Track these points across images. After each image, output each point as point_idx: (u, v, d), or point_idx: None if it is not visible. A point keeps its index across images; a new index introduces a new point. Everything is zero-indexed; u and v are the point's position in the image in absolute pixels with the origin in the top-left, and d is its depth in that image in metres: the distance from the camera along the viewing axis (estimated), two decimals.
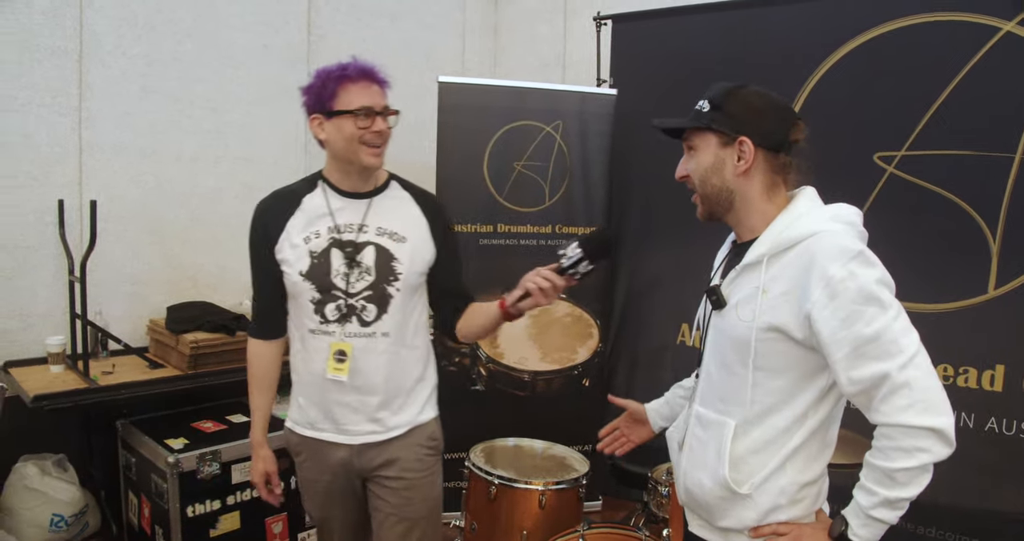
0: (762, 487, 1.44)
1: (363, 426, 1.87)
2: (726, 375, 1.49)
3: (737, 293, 1.48)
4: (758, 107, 1.47)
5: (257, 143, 3.55)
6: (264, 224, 1.87)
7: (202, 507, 2.62)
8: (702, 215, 1.57)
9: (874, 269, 1.33)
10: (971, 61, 2.73)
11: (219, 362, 2.91)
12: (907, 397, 1.27)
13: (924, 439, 1.27)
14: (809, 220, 1.41)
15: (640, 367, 3.68)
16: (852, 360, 1.31)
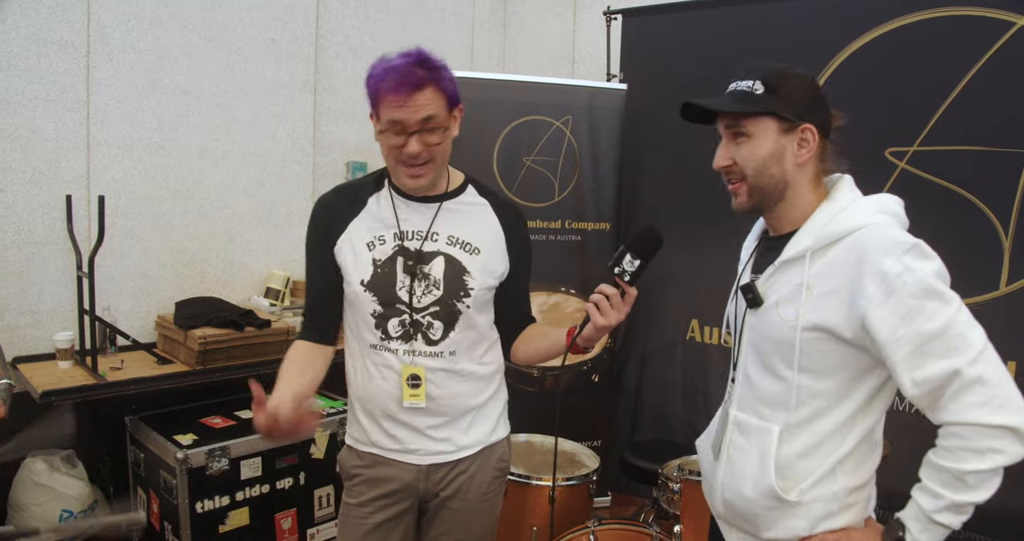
0: (812, 493, 1.36)
1: (432, 446, 1.70)
2: (768, 378, 1.40)
3: (776, 290, 1.39)
4: (817, 92, 1.38)
5: (265, 138, 3.54)
6: (324, 222, 1.71)
7: (211, 503, 2.61)
8: (745, 206, 1.44)
9: (931, 262, 1.25)
10: (985, 56, 2.71)
11: (228, 358, 2.91)
12: (980, 394, 1.19)
13: (999, 439, 1.18)
14: (854, 212, 1.33)
15: (650, 363, 3.67)
16: (916, 359, 1.22)
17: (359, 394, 1.74)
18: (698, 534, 2.12)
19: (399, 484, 1.72)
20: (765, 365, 1.41)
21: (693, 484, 2.28)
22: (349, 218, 1.69)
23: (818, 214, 1.37)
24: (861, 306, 1.26)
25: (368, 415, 1.73)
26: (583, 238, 3.50)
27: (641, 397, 3.70)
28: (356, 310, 1.69)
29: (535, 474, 2.48)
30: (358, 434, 1.77)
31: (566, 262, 3.47)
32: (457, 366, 1.69)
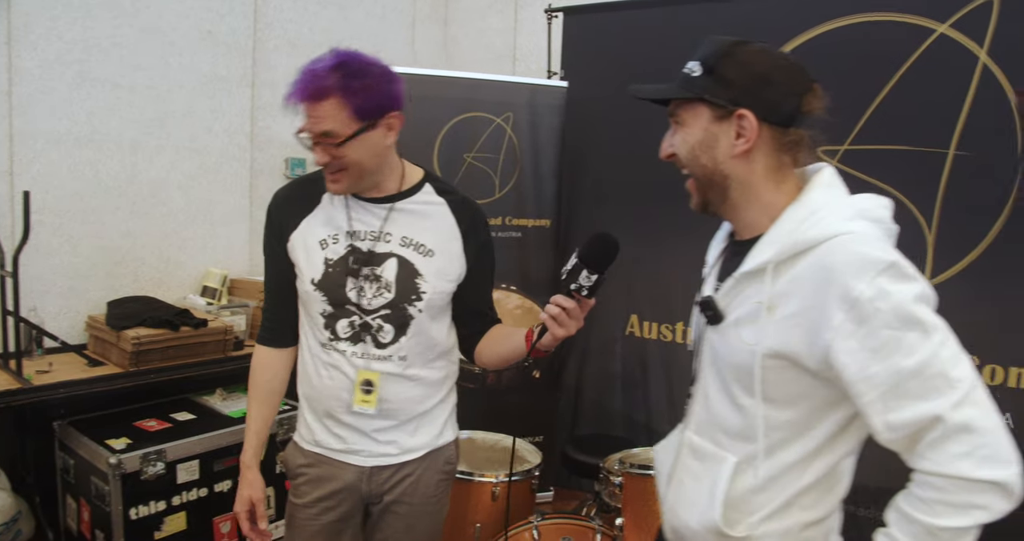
0: (762, 528, 1.21)
1: (376, 447, 1.69)
2: (727, 403, 1.25)
3: (738, 307, 1.22)
4: (762, 71, 1.18)
5: (201, 132, 3.45)
6: (278, 218, 1.68)
7: (146, 509, 2.54)
8: (696, 205, 1.29)
9: (911, 283, 1.06)
10: (908, 60, 2.81)
11: (163, 358, 2.83)
12: (965, 443, 1.01)
13: (983, 494, 1.01)
14: (826, 218, 1.13)
15: (590, 359, 3.71)
16: (890, 400, 1.05)
17: (306, 391, 1.73)
18: (640, 526, 2.16)
19: (342, 484, 1.70)
20: (724, 389, 1.26)
21: (634, 477, 2.32)
22: (303, 214, 1.66)
23: (785, 217, 1.18)
24: (826, 338, 1.08)
25: (314, 413, 1.72)
26: (523, 235, 3.51)
27: (582, 393, 3.74)
28: (307, 309, 1.68)
29: (477, 471, 2.48)
30: (304, 431, 1.75)
31: (507, 259, 3.48)
32: (407, 371, 1.67)
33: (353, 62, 1.48)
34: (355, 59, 1.49)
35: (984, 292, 2.71)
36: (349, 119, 1.49)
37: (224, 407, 2.99)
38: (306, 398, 1.74)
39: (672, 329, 3.45)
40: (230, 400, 3.08)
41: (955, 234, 2.76)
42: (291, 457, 1.78)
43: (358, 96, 1.47)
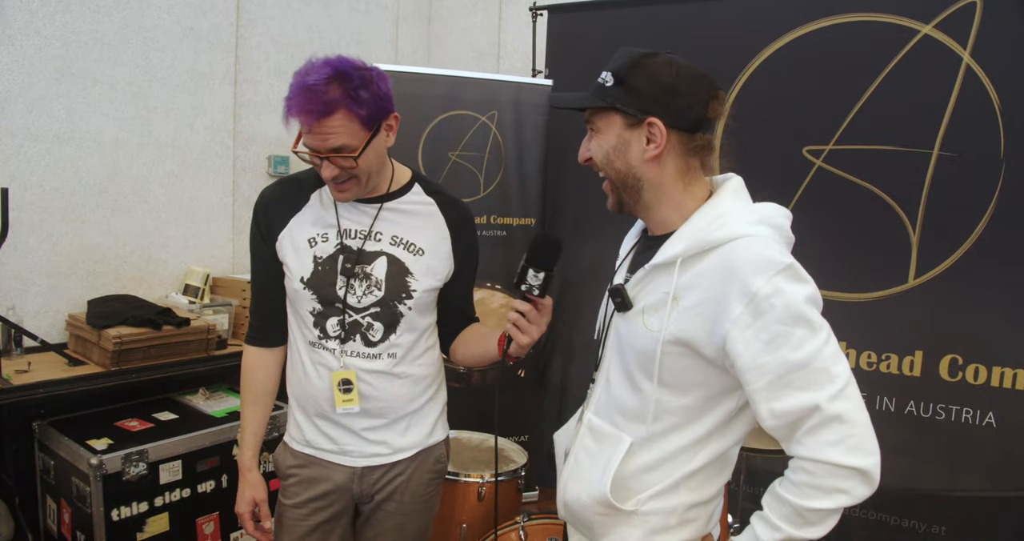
0: (650, 505, 1.30)
1: (366, 447, 1.68)
2: (627, 387, 1.33)
3: (645, 297, 1.30)
4: (669, 81, 1.25)
5: (183, 130, 3.41)
6: (265, 217, 1.66)
7: (128, 510, 2.51)
8: (612, 206, 1.37)
9: (804, 285, 1.16)
10: (893, 61, 2.83)
11: (144, 358, 2.80)
12: (837, 431, 1.12)
13: (847, 480, 1.13)
14: (732, 221, 1.22)
15: (575, 358, 3.71)
16: (776, 390, 1.15)
17: (296, 391, 1.72)
18: None
19: (333, 485, 1.69)
20: (626, 373, 1.33)
21: None
22: (291, 213, 1.65)
23: (695, 218, 1.27)
24: (724, 327, 1.17)
25: (304, 413, 1.71)
26: (508, 233, 3.50)
27: (567, 392, 3.74)
28: (296, 307, 1.66)
29: (464, 471, 2.48)
30: (295, 432, 1.74)
31: (491, 257, 3.47)
32: (396, 368, 1.67)
33: (350, 70, 1.44)
34: (350, 66, 1.45)
35: (968, 291, 2.74)
36: (359, 130, 1.48)
37: (207, 407, 2.96)
38: (296, 398, 1.72)
39: None
40: (213, 400, 3.05)
41: (939, 234, 2.78)
42: (281, 458, 1.76)
43: (364, 105, 1.45)
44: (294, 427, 1.74)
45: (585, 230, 3.60)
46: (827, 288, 2.99)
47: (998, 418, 2.72)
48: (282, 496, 1.74)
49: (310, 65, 1.45)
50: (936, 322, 2.79)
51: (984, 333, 2.72)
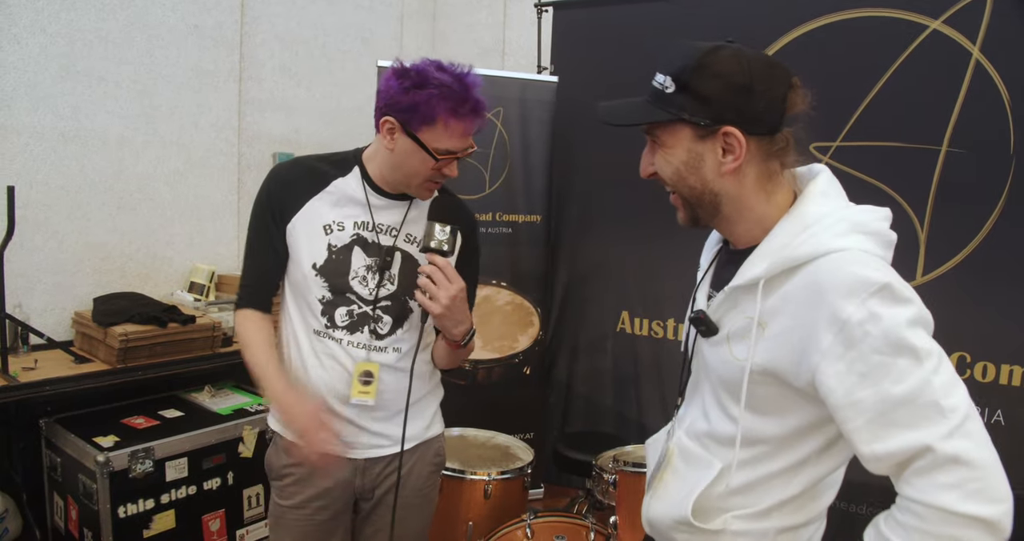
0: (738, 525, 1.20)
1: (370, 439, 1.69)
2: (718, 412, 1.23)
3: (729, 322, 1.19)
4: (741, 81, 1.09)
5: (188, 128, 3.41)
6: (279, 197, 1.62)
7: (134, 507, 2.51)
8: (684, 221, 1.23)
9: (904, 307, 1.01)
10: (902, 56, 2.81)
11: (150, 355, 2.80)
12: (954, 474, 0.95)
13: (966, 529, 0.95)
14: (819, 233, 1.08)
15: (581, 355, 3.71)
16: (877, 429, 1.00)
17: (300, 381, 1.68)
18: (634, 524, 2.15)
19: (334, 481, 1.68)
20: (716, 399, 1.24)
21: (628, 475, 2.32)
22: (308, 197, 1.62)
23: (778, 230, 1.13)
24: (814, 360, 1.04)
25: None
26: (514, 230, 3.50)
27: (573, 389, 3.74)
28: (301, 293, 1.64)
29: (469, 468, 2.47)
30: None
31: (497, 254, 3.47)
32: (400, 362, 1.67)
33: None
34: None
35: (976, 289, 2.72)
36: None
37: (212, 404, 2.96)
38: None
39: (663, 326, 3.45)
40: (219, 397, 3.05)
41: (947, 231, 2.77)
42: (274, 458, 1.73)
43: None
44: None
45: (591, 227, 3.60)
46: None
47: (1006, 416, 2.70)
48: (278, 497, 1.72)
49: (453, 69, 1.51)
50: (943, 319, 2.72)
51: (992, 331, 2.70)
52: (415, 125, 1.50)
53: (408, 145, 1.53)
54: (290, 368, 1.68)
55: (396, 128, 1.53)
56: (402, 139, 1.53)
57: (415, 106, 1.48)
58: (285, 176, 1.65)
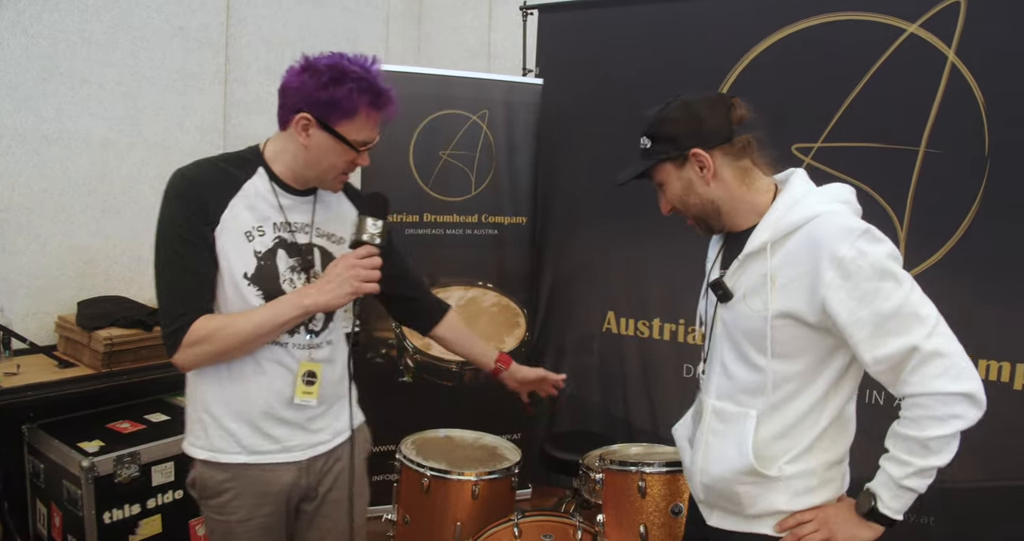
0: (791, 469, 1.44)
1: (311, 438, 1.68)
2: (744, 367, 1.49)
3: (743, 283, 1.48)
4: (691, 118, 1.47)
5: (173, 130, 3.40)
6: (201, 199, 1.52)
7: (120, 513, 2.50)
8: (702, 233, 1.60)
9: (883, 244, 1.33)
10: (880, 59, 2.85)
11: (136, 359, 2.79)
12: (938, 365, 1.28)
13: (958, 405, 1.28)
14: (807, 203, 1.41)
15: (567, 355, 3.72)
16: (876, 338, 1.31)
17: (229, 398, 1.60)
18: (621, 523, 2.17)
19: (278, 487, 1.66)
20: (740, 355, 1.49)
21: (615, 473, 2.33)
22: (228, 199, 1.55)
23: (774, 207, 1.44)
24: (820, 292, 1.33)
25: (240, 419, 1.61)
26: (500, 232, 3.51)
27: (559, 390, 3.74)
28: (234, 305, 1.56)
29: (457, 469, 2.48)
30: (223, 443, 1.61)
31: (483, 256, 3.48)
32: (332, 355, 1.71)
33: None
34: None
35: (954, 288, 2.75)
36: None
37: None
38: (228, 405, 1.61)
39: (649, 325, 3.47)
40: None
41: (925, 231, 2.81)
42: (207, 476, 1.63)
43: None
44: (221, 439, 1.61)
45: (576, 228, 3.61)
46: None
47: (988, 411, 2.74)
48: (220, 514, 1.64)
49: (358, 59, 1.52)
50: None
51: (971, 328, 2.71)
52: (334, 119, 1.51)
53: (325, 140, 1.53)
54: (213, 388, 1.60)
55: (312, 124, 1.52)
56: (318, 134, 1.53)
57: (335, 101, 1.48)
58: (200, 179, 1.55)
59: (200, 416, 1.62)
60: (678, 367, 3.42)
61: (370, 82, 1.51)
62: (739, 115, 1.47)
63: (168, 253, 1.52)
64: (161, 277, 1.53)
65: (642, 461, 2.17)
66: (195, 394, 1.64)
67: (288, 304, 1.54)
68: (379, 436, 3.51)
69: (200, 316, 1.51)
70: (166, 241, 1.52)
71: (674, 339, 3.42)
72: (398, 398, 3.36)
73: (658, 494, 2.13)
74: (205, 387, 1.61)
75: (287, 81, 1.54)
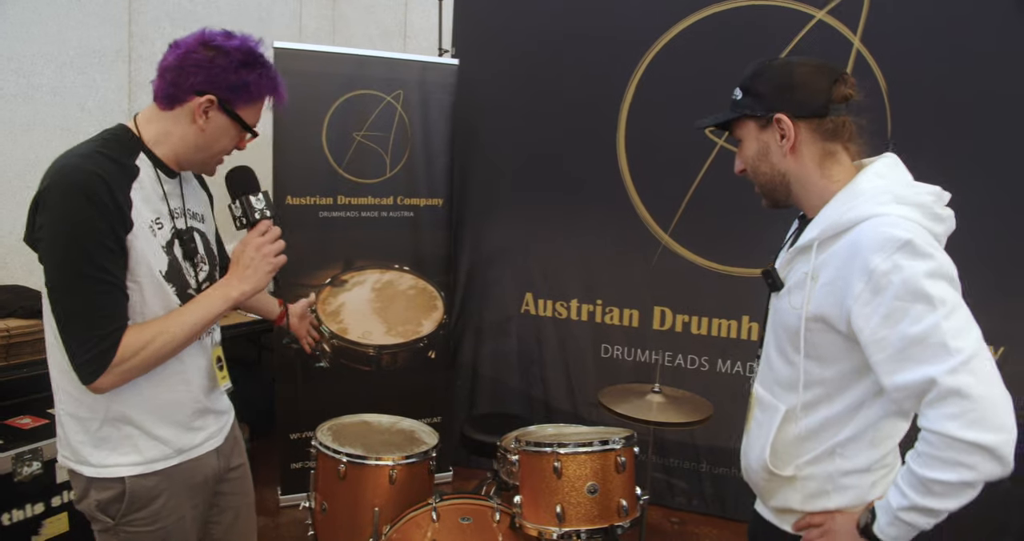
0: (806, 470, 1.42)
1: (219, 420, 1.68)
2: (781, 360, 1.46)
3: (791, 277, 1.44)
4: (786, 80, 1.37)
5: (74, 110, 3.25)
6: (116, 201, 1.36)
7: (21, 513, 2.40)
8: (766, 205, 1.51)
9: (924, 261, 1.20)
10: (790, 44, 2.93)
11: (35, 352, 2.67)
12: (956, 405, 1.15)
13: (968, 454, 1.15)
14: (865, 202, 1.30)
15: (485, 337, 3.74)
16: (895, 363, 1.22)
17: (157, 403, 1.53)
18: (537, 503, 2.20)
19: (203, 477, 1.64)
20: (780, 347, 1.47)
21: (530, 455, 2.36)
22: (130, 196, 1.41)
23: (834, 201, 1.36)
24: (848, 304, 1.26)
25: (165, 421, 1.55)
26: (416, 214, 3.48)
27: (478, 372, 3.77)
28: (154, 308, 1.47)
29: (373, 454, 2.46)
30: (152, 452, 1.53)
31: (399, 239, 3.45)
32: (216, 332, 1.69)
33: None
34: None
35: None
36: None
37: None
38: (154, 411, 1.53)
39: (567, 306, 3.51)
40: None
41: None
42: (137, 489, 1.52)
43: None
44: (153, 447, 1.53)
45: (493, 210, 3.62)
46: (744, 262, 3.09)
47: None
48: (150, 525, 1.54)
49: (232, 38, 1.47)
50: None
51: None
52: (239, 103, 1.48)
53: (223, 122, 1.49)
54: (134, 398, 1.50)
55: (213, 104, 1.45)
56: (217, 117, 1.48)
57: (245, 85, 1.46)
58: (110, 175, 1.38)
59: (119, 430, 1.50)
60: (596, 347, 3.48)
61: (272, 67, 1.50)
62: (843, 93, 1.36)
63: (86, 267, 1.34)
64: (75, 296, 1.36)
65: (557, 441, 2.20)
66: (99, 409, 1.48)
67: (217, 299, 1.50)
68: (297, 423, 3.47)
69: (125, 330, 1.40)
70: (82, 253, 1.34)
71: (592, 319, 3.47)
72: (315, 384, 3.33)
73: (573, 474, 2.16)
74: (121, 400, 1.48)
75: (186, 58, 1.45)
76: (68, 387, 1.48)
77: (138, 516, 1.53)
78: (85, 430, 1.49)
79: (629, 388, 2.74)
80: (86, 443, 1.49)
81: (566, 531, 2.11)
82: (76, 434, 1.49)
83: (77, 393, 1.47)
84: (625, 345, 3.45)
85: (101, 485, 1.50)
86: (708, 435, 3.28)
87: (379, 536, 2.30)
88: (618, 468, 2.15)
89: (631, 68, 3.21)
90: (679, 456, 3.44)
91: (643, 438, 2.41)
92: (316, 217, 3.28)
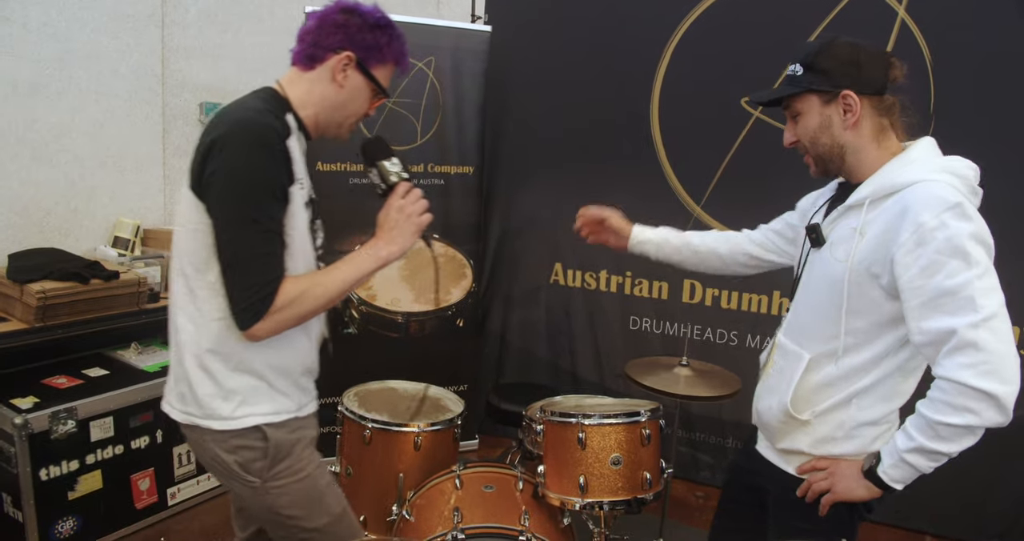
0: (822, 417, 1.54)
1: (314, 386, 1.74)
2: (813, 311, 1.58)
3: (836, 233, 1.54)
4: (851, 58, 1.46)
5: (107, 74, 3.26)
6: (286, 153, 1.43)
7: (57, 469, 2.47)
8: (816, 173, 1.60)
9: (969, 223, 1.32)
10: (831, 14, 2.84)
11: (71, 313, 2.72)
12: (971, 356, 1.28)
13: (976, 401, 1.28)
14: (917, 168, 1.42)
15: (514, 307, 3.73)
16: (925, 310, 1.34)
17: (287, 360, 1.59)
18: (560, 473, 2.20)
19: (312, 437, 1.70)
20: (815, 299, 1.58)
21: (555, 425, 2.36)
22: (289, 150, 1.46)
23: (887, 166, 1.48)
24: (892, 250, 1.37)
25: (289, 378, 1.61)
26: (446, 182, 3.47)
27: (506, 341, 3.77)
28: (301, 264, 1.53)
29: (399, 421, 2.48)
30: (284, 404, 1.60)
31: (429, 207, 3.42)
32: None
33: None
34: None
35: None
36: None
37: (139, 362, 2.91)
38: (276, 366, 1.58)
39: (596, 277, 3.49)
40: (145, 354, 3.00)
41: None
42: (278, 437, 1.58)
43: None
44: (283, 398, 1.60)
45: (524, 179, 3.59)
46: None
47: None
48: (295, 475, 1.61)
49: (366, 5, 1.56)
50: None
51: None
52: (373, 63, 1.55)
53: (360, 82, 1.55)
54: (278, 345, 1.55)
55: (351, 61, 1.52)
56: (355, 76, 1.54)
57: (378, 45, 1.53)
58: (281, 128, 1.45)
59: (248, 383, 1.54)
60: (624, 319, 3.46)
61: (403, 35, 1.58)
62: (895, 75, 1.48)
63: (256, 213, 1.40)
64: (244, 240, 1.40)
65: (582, 412, 2.19)
66: (231, 361, 1.52)
67: (368, 258, 1.54)
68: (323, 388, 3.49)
69: (283, 279, 1.44)
70: (255, 199, 1.39)
71: (620, 291, 3.44)
72: (342, 350, 3.34)
73: (597, 445, 2.15)
74: (255, 350, 1.52)
75: (324, 19, 1.53)
76: (203, 340, 1.51)
77: (282, 467, 1.58)
78: (216, 383, 1.52)
79: (657, 361, 2.72)
80: (216, 395, 1.52)
81: (589, 502, 2.11)
82: (205, 386, 1.52)
83: (214, 344, 1.50)
84: (654, 318, 3.42)
85: (240, 439, 1.54)
86: (735, 410, 3.25)
87: (403, 501, 2.32)
88: (643, 441, 2.14)
89: (666, 37, 3.14)
90: (705, 430, 3.43)
91: (669, 411, 2.39)
92: (347, 184, 3.28)
